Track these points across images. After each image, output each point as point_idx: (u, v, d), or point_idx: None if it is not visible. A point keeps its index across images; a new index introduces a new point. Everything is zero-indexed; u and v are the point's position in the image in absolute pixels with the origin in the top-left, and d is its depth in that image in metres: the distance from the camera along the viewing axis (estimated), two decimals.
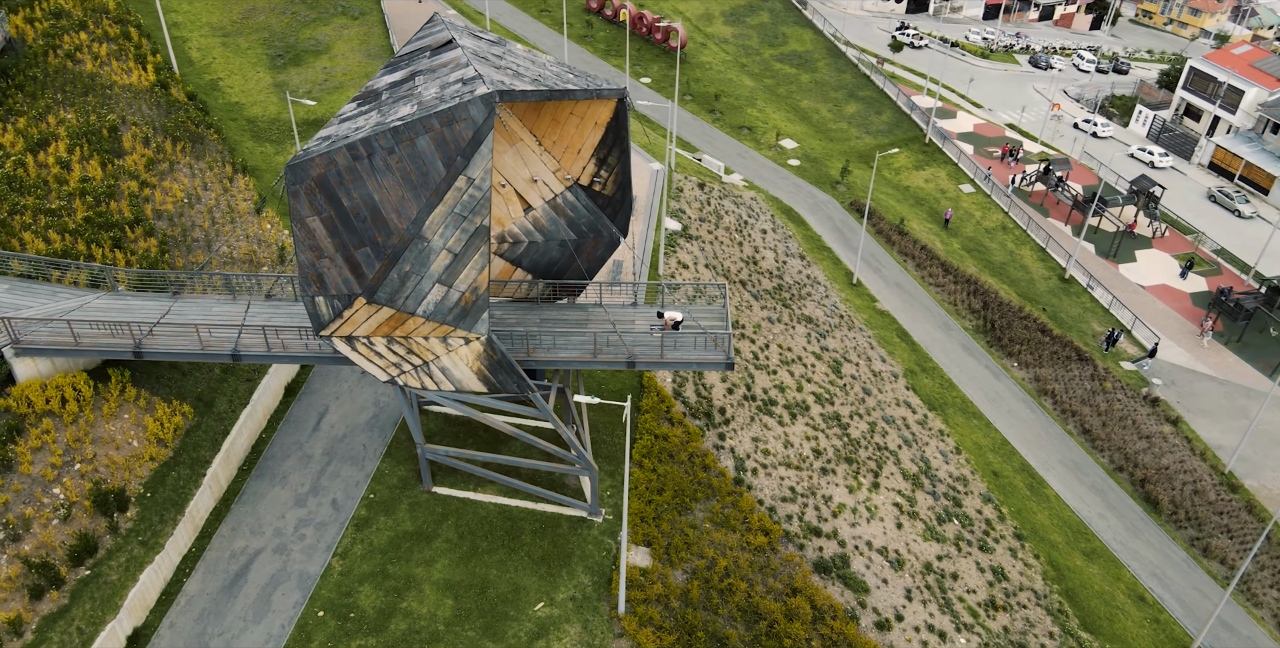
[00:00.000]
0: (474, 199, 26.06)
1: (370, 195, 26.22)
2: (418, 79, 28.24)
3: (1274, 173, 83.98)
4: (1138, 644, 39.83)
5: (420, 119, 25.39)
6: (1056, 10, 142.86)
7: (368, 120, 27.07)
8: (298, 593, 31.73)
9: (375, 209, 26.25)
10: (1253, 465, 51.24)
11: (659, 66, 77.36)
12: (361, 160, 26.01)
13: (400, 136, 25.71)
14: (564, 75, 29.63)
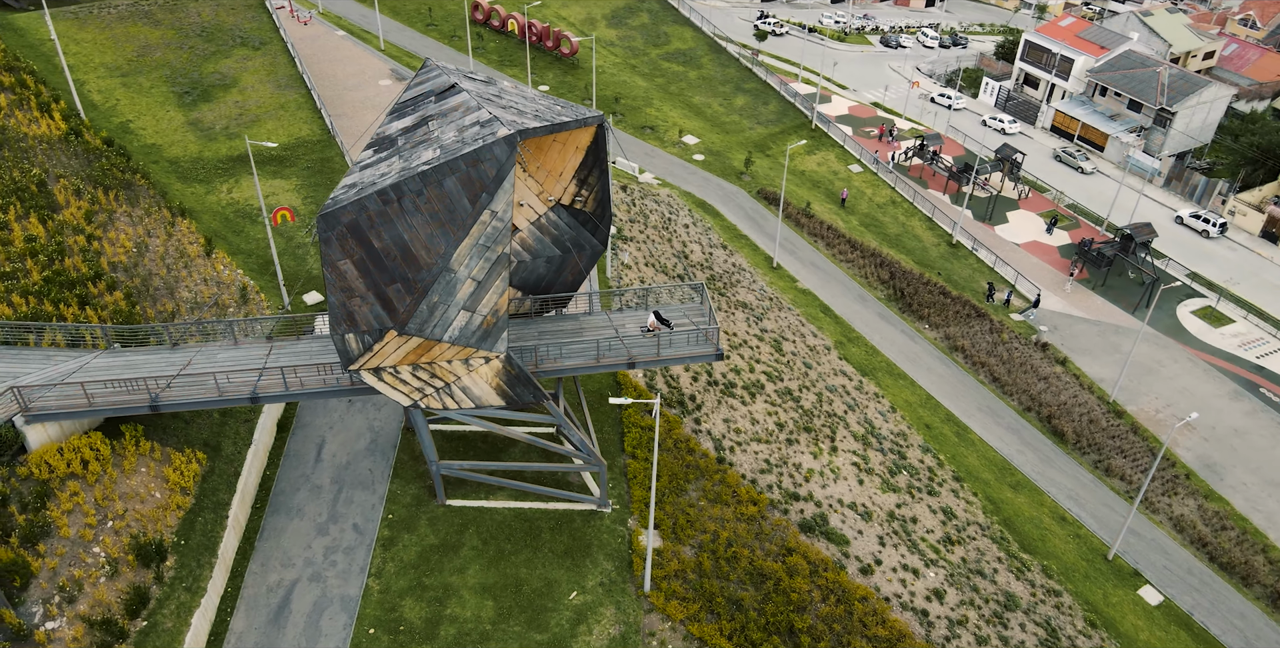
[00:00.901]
0: (497, 230, 28.64)
1: (400, 235, 28.38)
2: (431, 124, 30.34)
3: (1107, 131, 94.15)
4: (1067, 558, 46.13)
5: (447, 162, 27.69)
6: None
7: (390, 166, 29.06)
8: (343, 615, 33.63)
9: (405, 247, 28.44)
10: (1131, 393, 58.99)
11: (554, 73, 79.84)
12: (391, 204, 28.11)
13: (428, 180, 27.93)
14: (552, 107, 32.34)
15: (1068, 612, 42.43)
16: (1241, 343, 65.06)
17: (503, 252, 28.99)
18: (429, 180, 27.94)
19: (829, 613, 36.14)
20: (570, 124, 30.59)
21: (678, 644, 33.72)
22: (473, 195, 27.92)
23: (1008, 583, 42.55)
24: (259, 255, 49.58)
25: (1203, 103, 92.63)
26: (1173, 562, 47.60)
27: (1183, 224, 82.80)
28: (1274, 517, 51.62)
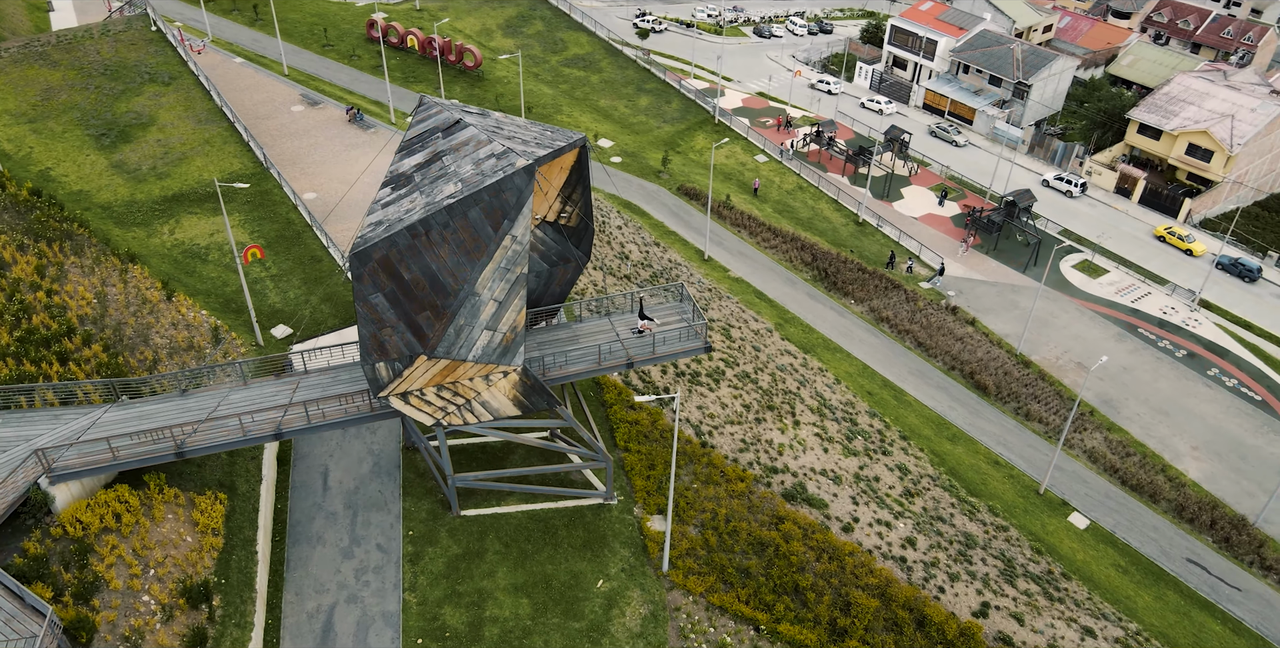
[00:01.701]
0: (516, 253, 31.02)
1: (428, 266, 30.39)
2: (445, 159, 32.19)
3: (973, 106, 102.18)
4: (1006, 497, 51.87)
5: (472, 194, 29.81)
6: None
7: (413, 202, 30.88)
8: (389, 630, 35.51)
9: (433, 277, 30.48)
10: (1033, 344, 65.76)
11: (461, 87, 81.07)
12: (420, 237, 30.06)
13: (454, 212, 29.99)
14: (543, 132, 34.70)
15: (1016, 543, 48.00)
16: (1118, 290, 73.13)
17: (521, 272, 31.43)
18: (455, 213, 30.05)
19: (825, 570, 40.26)
20: (566, 148, 33.16)
21: (702, 615, 37.13)
22: (495, 223, 30.23)
23: (964, 525, 47.77)
24: (217, 294, 49.84)
25: (1053, 74, 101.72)
26: (1092, 489, 54.05)
27: (1049, 186, 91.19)
28: (1166, 440, 59.05)
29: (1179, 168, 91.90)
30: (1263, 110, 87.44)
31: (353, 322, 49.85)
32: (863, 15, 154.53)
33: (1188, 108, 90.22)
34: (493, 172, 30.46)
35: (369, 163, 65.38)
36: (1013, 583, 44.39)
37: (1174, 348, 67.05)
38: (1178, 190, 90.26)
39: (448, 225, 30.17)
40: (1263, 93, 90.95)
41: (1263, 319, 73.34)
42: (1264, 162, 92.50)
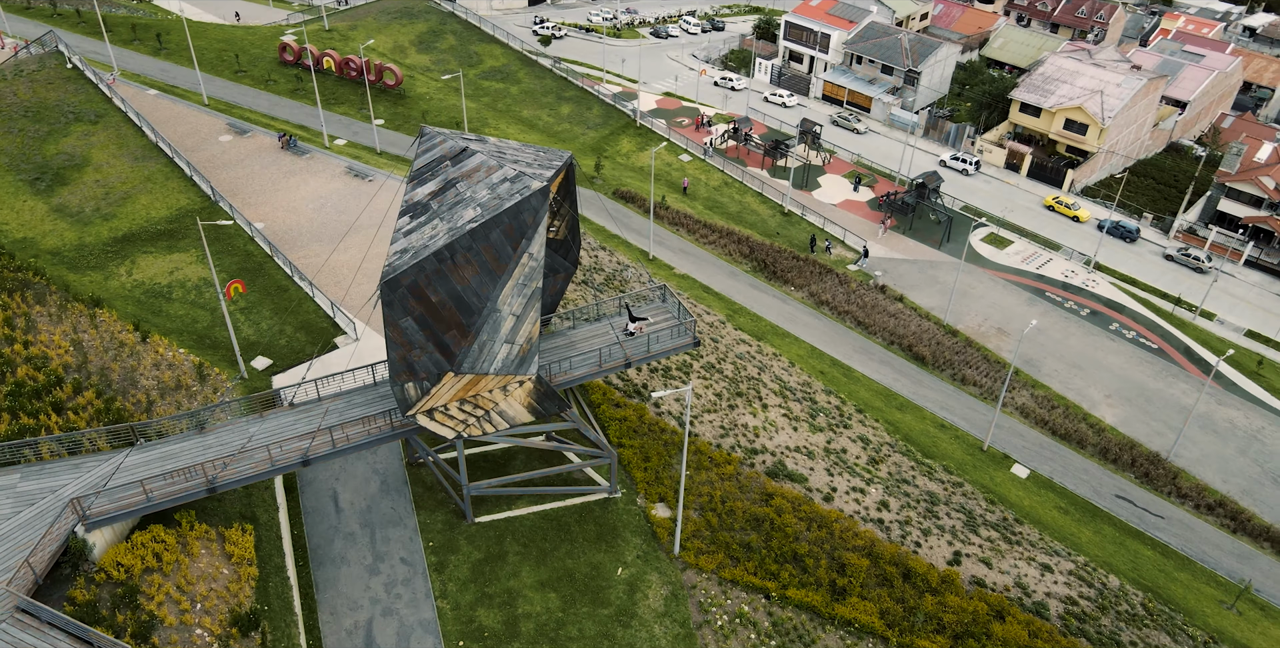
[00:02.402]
0: (533, 269, 33.30)
1: (454, 288, 32.36)
2: (459, 185, 33.95)
3: (869, 94, 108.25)
4: (956, 456, 56.81)
5: (493, 217, 31.88)
6: None
7: (435, 229, 32.66)
8: (429, 637, 37.38)
9: (459, 298, 32.47)
10: (957, 315, 71.37)
11: (384, 106, 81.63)
12: (446, 262, 31.97)
13: (477, 236, 32.00)
14: (538, 153, 36.87)
15: (972, 497, 52.88)
16: (1023, 259, 79.70)
17: (536, 286, 33.73)
18: (478, 236, 32.09)
19: (817, 537, 43.99)
20: (562, 167, 35.52)
21: (717, 590, 40.30)
22: (514, 242, 32.44)
23: (925, 485, 52.35)
24: (189, 332, 50.07)
25: (939, 61, 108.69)
26: (1028, 442, 59.62)
27: (946, 166, 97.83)
28: (1083, 391, 65.34)
29: (1059, 142, 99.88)
30: (1127, 85, 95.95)
31: (332, 348, 50.90)
32: (749, 11, 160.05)
33: (1062, 86, 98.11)
34: (509, 195, 32.63)
35: (312, 188, 65.83)
36: (976, 532, 49.10)
37: (1078, 308, 73.81)
38: (1060, 162, 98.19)
39: (471, 248, 32.22)
40: (1124, 69, 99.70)
41: (1146, 276, 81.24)
42: (1130, 131, 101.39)
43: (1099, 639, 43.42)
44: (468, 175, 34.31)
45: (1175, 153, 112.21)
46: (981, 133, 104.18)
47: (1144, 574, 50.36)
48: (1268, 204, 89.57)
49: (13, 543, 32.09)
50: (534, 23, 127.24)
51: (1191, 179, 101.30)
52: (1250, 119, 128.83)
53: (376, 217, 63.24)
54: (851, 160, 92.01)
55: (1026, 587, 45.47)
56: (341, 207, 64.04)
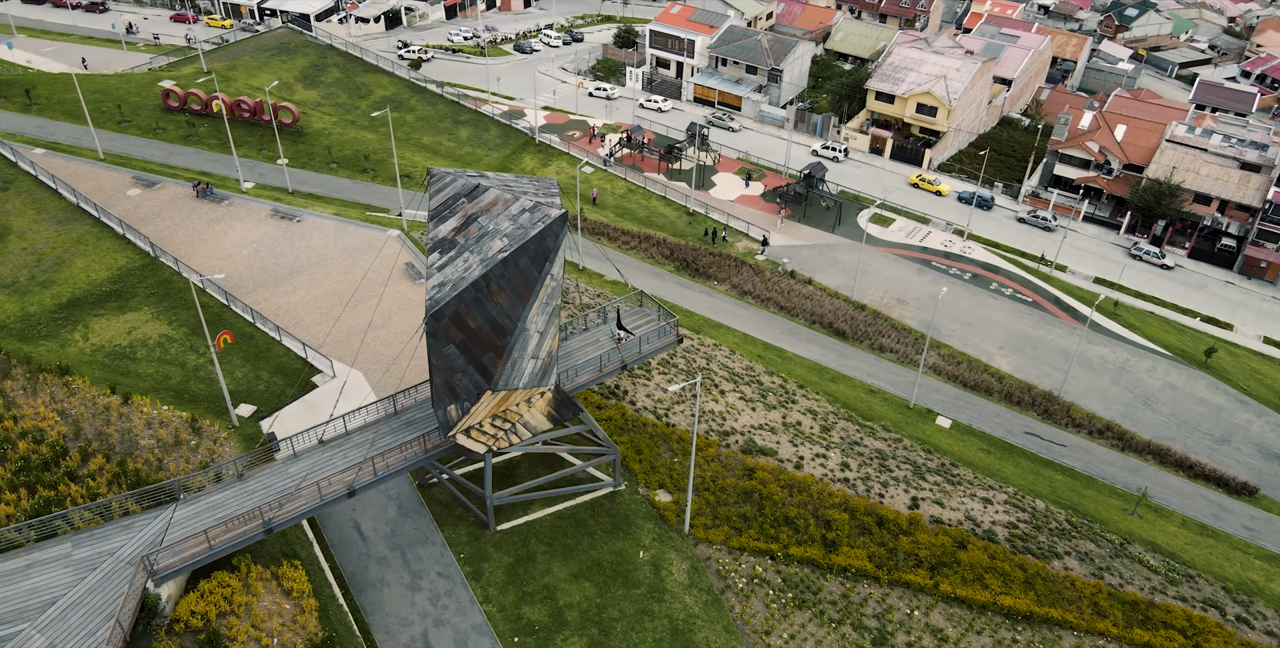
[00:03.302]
0: (554, 289, 36.79)
1: (489, 313, 35.49)
2: (480, 220, 36.75)
3: (738, 94, 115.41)
4: (890, 415, 63.61)
5: (521, 246, 35.11)
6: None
7: (466, 261, 35.51)
8: (485, 639, 40.44)
9: (494, 322, 35.65)
10: (861, 291, 78.76)
11: (285, 144, 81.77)
12: (482, 290, 35.04)
13: (509, 264, 35.19)
14: (533, 182, 40.16)
15: (912, 449, 59.72)
16: (906, 234, 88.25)
17: (556, 304, 37.28)
18: (509, 264, 35.28)
19: (800, 500, 49.44)
20: (558, 192, 39.09)
21: (728, 558, 45.04)
22: (539, 267, 35.85)
23: (872, 444, 58.79)
24: (165, 389, 50.48)
25: (797, 58, 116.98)
26: (944, 396, 67.25)
27: (818, 155, 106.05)
28: (979, 346, 73.83)
29: (913, 125, 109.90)
30: (965, 69, 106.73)
31: (311, 387, 52.39)
32: (603, 20, 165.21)
33: (910, 74, 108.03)
34: (532, 224, 35.99)
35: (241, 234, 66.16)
36: (924, 478, 55.83)
37: (961, 273, 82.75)
38: (917, 143, 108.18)
39: (503, 276, 35.43)
40: (960, 54, 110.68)
41: (1006, 238, 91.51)
42: (971, 110, 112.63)
43: (1041, 553, 50.75)
44: (486, 209, 37.38)
45: (1008, 126, 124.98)
46: (845, 122, 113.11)
47: (1061, 495, 58.44)
48: (1094, 165, 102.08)
49: (88, 608, 33.15)
50: (397, 47, 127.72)
51: (1028, 149, 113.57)
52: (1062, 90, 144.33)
53: (316, 256, 64.40)
54: (735, 157, 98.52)
55: (975, 519, 52.42)
56: (276, 249, 64.80)
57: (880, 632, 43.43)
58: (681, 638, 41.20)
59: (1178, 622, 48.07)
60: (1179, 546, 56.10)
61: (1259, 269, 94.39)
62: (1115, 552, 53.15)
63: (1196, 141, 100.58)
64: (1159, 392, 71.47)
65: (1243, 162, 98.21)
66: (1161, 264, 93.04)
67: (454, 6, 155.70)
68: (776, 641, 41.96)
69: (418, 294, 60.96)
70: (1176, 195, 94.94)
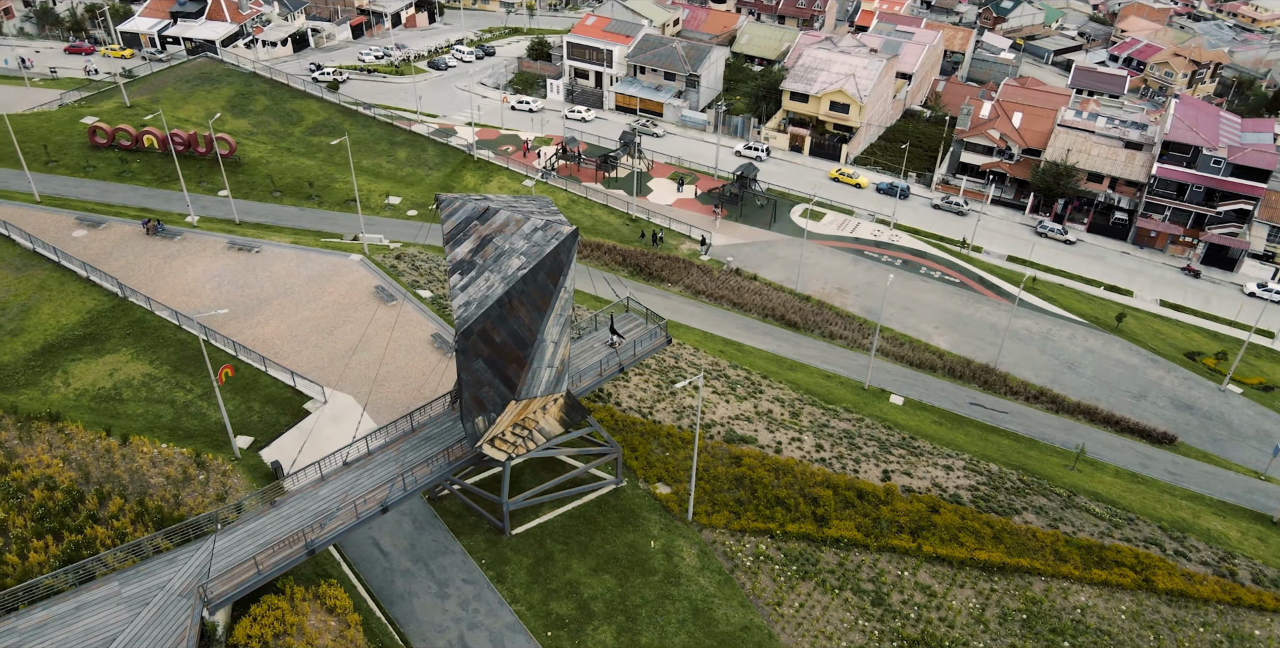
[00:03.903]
0: (567, 301, 39.26)
1: (512, 327, 37.75)
2: (495, 240, 38.77)
3: (659, 100, 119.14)
4: (848, 398, 68.04)
5: (538, 263, 37.41)
6: (402, 15, 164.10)
7: (488, 280, 37.57)
8: (519, 637, 42.69)
9: (516, 335, 37.93)
10: (803, 283, 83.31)
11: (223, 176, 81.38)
12: (506, 306, 37.25)
13: (528, 280, 37.46)
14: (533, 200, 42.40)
15: (873, 427, 64.22)
16: (838, 227, 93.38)
17: (569, 315, 39.74)
18: (528, 280, 37.57)
19: (787, 481, 53.15)
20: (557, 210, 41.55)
21: (732, 540, 48.35)
22: (554, 280, 38.26)
23: (838, 425, 63.05)
24: (159, 428, 50.79)
25: (713, 62, 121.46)
26: (894, 375, 72.17)
27: (741, 156, 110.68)
28: (917, 327, 79.20)
29: (827, 122, 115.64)
30: (872, 67, 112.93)
31: (304, 415, 53.40)
32: (509, 33, 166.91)
33: (822, 74, 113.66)
34: (546, 241, 38.33)
35: (201, 268, 66.16)
36: (889, 452, 60.31)
37: (892, 260, 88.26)
38: (834, 140, 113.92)
39: (524, 292, 37.73)
40: (866, 53, 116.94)
41: (924, 225, 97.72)
42: (880, 105, 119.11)
43: (1002, 510, 55.73)
44: (500, 230, 39.54)
45: (911, 118, 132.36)
46: (764, 122, 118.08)
47: (1010, 458, 63.80)
48: (996, 152, 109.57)
49: (150, 641, 34.15)
50: (310, 69, 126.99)
51: (933, 139, 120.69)
52: (955, 81, 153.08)
53: (281, 286, 64.98)
54: (666, 162, 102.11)
55: (941, 485, 57.11)
56: (240, 281, 65.12)
57: (877, 594, 47.43)
58: (703, 617, 44.31)
59: (1127, 560, 53.59)
60: (1116, 493, 62.02)
61: (1149, 239, 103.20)
62: (1064, 504, 58.57)
63: (1084, 125, 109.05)
64: (1080, 357, 78.11)
65: (1126, 141, 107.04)
66: (1064, 240, 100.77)
67: (360, 26, 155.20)
68: (788, 610, 45.49)
69: (392, 316, 62.36)
70: (1072, 175, 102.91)
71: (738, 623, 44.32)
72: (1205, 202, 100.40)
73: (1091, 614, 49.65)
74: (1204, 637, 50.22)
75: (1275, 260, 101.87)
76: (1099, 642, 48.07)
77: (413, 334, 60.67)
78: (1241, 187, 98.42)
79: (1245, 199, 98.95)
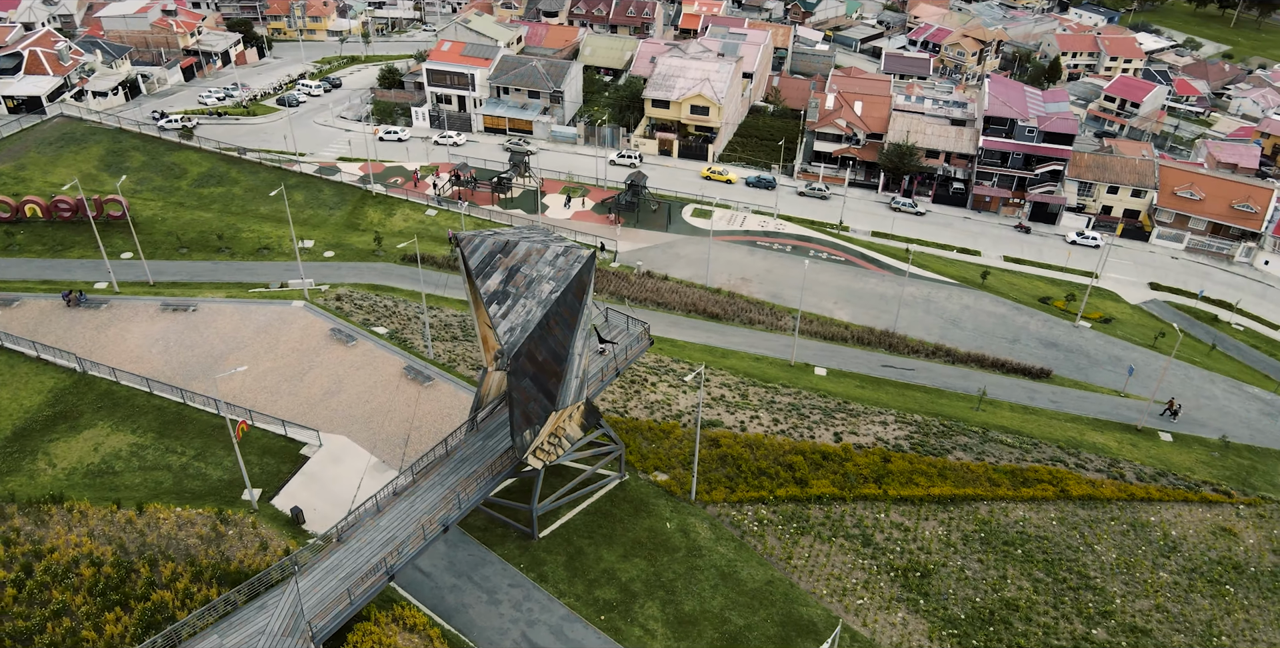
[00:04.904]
0: (589, 315, 43.55)
1: (550, 345, 41.74)
2: (523, 269, 42.20)
3: (527, 118, 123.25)
4: (782, 376, 75.16)
5: (568, 284, 41.43)
6: (231, 53, 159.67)
7: (524, 305, 41.17)
8: (578, 625, 46.85)
9: (554, 352, 41.96)
10: (710, 277, 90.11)
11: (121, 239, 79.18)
12: (545, 327, 41.14)
13: (561, 301, 41.44)
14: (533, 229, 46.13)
15: (810, 397, 71.71)
16: (727, 222, 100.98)
17: (590, 327, 44.06)
18: (561, 302, 41.56)
19: (762, 454, 59.54)
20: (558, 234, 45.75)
21: (735, 511, 54.20)
22: (580, 298, 42.45)
23: (782, 399, 70.06)
24: (165, 494, 51.12)
25: (572, 77, 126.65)
26: (812, 350, 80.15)
27: (616, 164, 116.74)
28: (819, 304, 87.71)
29: (689, 124, 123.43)
30: (724, 69, 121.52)
31: (303, 460, 54.90)
32: (349, 62, 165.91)
33: (679, 80, 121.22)
34: (570, 264, 42.39)
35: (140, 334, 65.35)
36: (832, 418, 67.92)
37: (782, 247, 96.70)
38: (699, 141, 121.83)
39: (557, 312, 41.74)
40: (714, 57, 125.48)
41: (798, 212, 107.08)
42: (733, 105, 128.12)
43: (937, 452, 64.40)
44: (524, 260, 43.13)
45: (758, 113, 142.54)
46: (631, 131, 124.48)
47: (927, 408, 72.94)
48: (845, 139, 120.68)
49: None
50: (153, 118, 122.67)
51: (780, 131, 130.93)
52: (785, 75, 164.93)
53: (232, 341, 65.31)
54: (552, 178, 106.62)
55: (883, 439, 65.20)
56: (187, 342, 64.93)
57: (863, 536, 54.58)
58: (730, 579, 49.93)
59: (1044, 477, 63.38)
60: (1017, 424, 72.28)
61: (984, 203, 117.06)
62: (982, 439, 68.03)
63: (915, 107, 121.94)
64: (959, 313, 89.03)
65: (952, 119, 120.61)
66: (915, 212, 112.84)
67: (191, 67, 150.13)
68: (798, 562, 51.85)
69: (356, 356, 64.18)
70: (913, 154, 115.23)
71: (761, 579, 50.26)
72: (1025, 166, 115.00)
73: (1028, 525, 58.81)
74: (1114, 529, 60.49)
75: (1086, 211, 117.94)
76: (1041, 546, 57.20)
77: (383, 370, 62.86)
78: (1052, 150, 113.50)
79: (1056, 161, 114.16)
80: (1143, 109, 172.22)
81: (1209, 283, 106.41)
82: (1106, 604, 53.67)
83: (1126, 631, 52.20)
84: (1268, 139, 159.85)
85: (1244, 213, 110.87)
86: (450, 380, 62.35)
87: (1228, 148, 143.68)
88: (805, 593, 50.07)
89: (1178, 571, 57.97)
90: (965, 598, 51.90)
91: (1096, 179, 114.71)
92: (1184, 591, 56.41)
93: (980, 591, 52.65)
